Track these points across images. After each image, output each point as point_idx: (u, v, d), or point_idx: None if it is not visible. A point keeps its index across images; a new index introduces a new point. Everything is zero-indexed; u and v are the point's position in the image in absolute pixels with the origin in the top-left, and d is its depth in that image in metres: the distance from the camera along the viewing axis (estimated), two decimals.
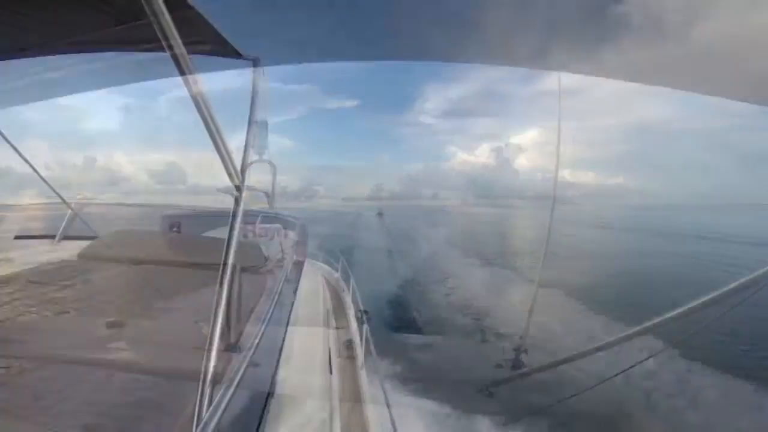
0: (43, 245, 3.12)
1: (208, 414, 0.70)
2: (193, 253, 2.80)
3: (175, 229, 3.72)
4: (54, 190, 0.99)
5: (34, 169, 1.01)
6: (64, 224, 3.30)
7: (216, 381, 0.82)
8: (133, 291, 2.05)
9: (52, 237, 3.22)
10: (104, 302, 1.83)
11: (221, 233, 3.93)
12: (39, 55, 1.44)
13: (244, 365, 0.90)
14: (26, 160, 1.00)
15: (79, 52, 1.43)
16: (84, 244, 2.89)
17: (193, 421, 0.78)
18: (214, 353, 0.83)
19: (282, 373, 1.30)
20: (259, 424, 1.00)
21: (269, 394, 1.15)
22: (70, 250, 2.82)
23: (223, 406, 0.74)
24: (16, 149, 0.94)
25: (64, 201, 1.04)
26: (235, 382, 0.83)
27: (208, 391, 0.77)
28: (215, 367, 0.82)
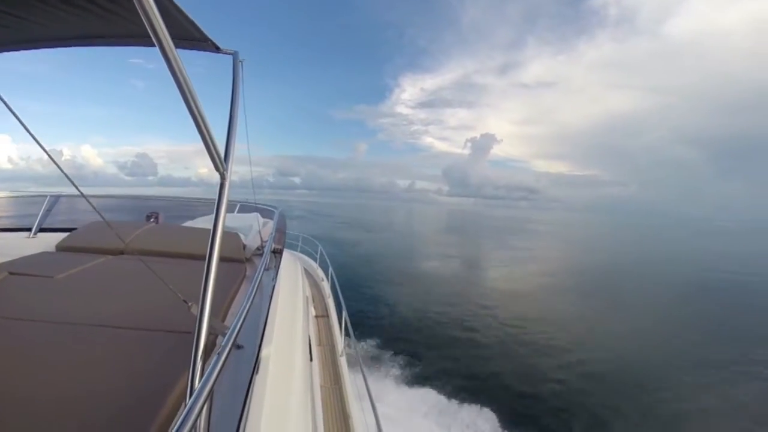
0: (18, 238, 2.99)
1: (199, 386, 0.74)
2: (173, 242, 2.77)
3: (153, 219, 3.63)
4: (71, 180, 0.98)
5: (52, 159, 0.99)
6: (39, 216, 3.17)
7: (205, 358, 0.86)
8: (115, 279, 2.03)
9: (28, 230, 3.09)
10: (87, 290, 1.81)
11: (199, 222, 3.87)
12: (24, 49, 1.40)
13: (230, 345, 0.94)
14: (41, 145, 0.98)
15: (65, 46, 1.39)
16: (61, 235, 2.80)
17: (186, 397, 0.83)
18: (203, 334, 0.87)
19: (264, 359, 1.36)
20: (245, 403, 1.06)
21: (253, 372, 1.20)
22: (48, 241, 2.72)
23: (212, 381, 0.77)
24: (28, 131, 0.92)
25: (81, 193, 1.03)
26: (222, 359, 0.86)
27: (199, 365, 0.82)
28: (204, 347, 0.86)
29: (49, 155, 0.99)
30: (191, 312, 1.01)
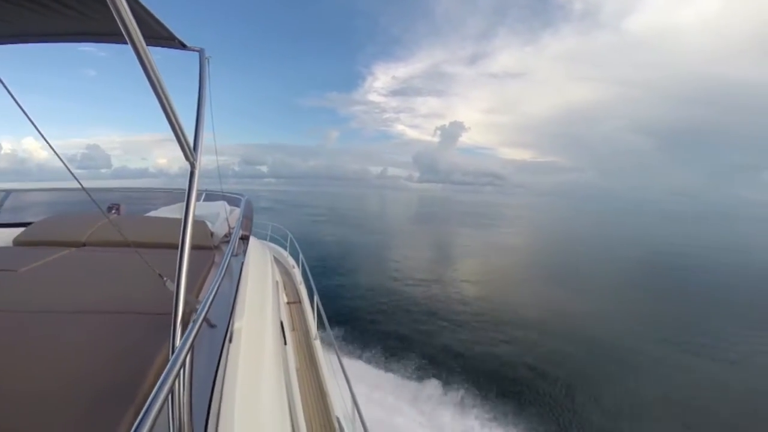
0: None
1: (180, 344, 0.79)
2: (137, 232, 2.73)
3: (114, 211, 3.51)
4: (73, 174, 0.97)
5: (56, 153, 0.98)
6: None
7: (183, 329, 0.90)
8: (81, 270, 2.01)
9: None
10: (55, 281, 1.80)
11: (162, 212, 3.79)
12: None
13: (203, 315, 0.97)
14: (45, 139, 0.97)
15: (31, 42, 1.36)
16: (16, 230, 2.67)
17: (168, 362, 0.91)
18: (181, 305, 0.90)
19: (236, 331, 1.45)
20: (218, 368, 1.15)
21: (225, 340, 1.28)
22: (1, 237, 2.61)
23: (190, 340, 0.81)
24: (34, 125, 0.91)
25: (82, 186, 1.01)
26: (197, 326, 0.89)
27: (179, 331, 0.87)
28: (182, 318, 0.90)
29: (54, 150, 1.00)
30: (166, 288, 1.05)
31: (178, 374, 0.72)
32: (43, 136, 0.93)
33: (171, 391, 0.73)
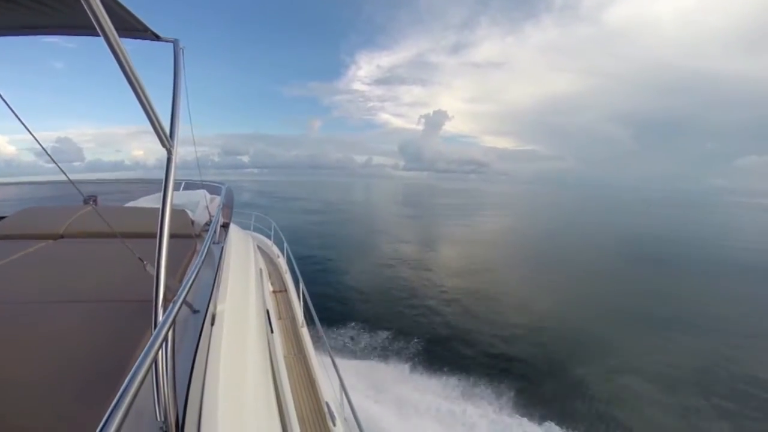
0: None
1: (162, 320, 0.82)
2: (115, 222, 2.71)
3: (92, 202, 3.46)
4: (60, 168, 0.96)
5: (42, 147, 0.97)
6: None
7: (165, 306, 0.91)
8: (60, 261, 2.00)
9: None
10: (35, 273, 1.80)
11: (141, 202, 3.75)
12: None
13: (183, 296, 0.98)
14: (30, 132, 0.95)
15: (7, 35, 1.34)
16: None
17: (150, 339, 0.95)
18: (161, 289, 0.92)
19: (218, 314, 1.48)
20: (196, 349, 1.19)
21: (204, 322, 1.32)
22: None
23: (171, 318, 0.83)
24: (19, 118, 0.90)
25: (69, 179, 0.99)
26: (177, 305, 0.90)
27: (161, 312, 0.89)
28: (163, 301, 0.92)
29: (40, 144, 1.01)
30: (148, 275, 1.09)
31: (160, 347, 0.74)
32: (29, 130, 0.95)
33: (155, 361, 0.77)
